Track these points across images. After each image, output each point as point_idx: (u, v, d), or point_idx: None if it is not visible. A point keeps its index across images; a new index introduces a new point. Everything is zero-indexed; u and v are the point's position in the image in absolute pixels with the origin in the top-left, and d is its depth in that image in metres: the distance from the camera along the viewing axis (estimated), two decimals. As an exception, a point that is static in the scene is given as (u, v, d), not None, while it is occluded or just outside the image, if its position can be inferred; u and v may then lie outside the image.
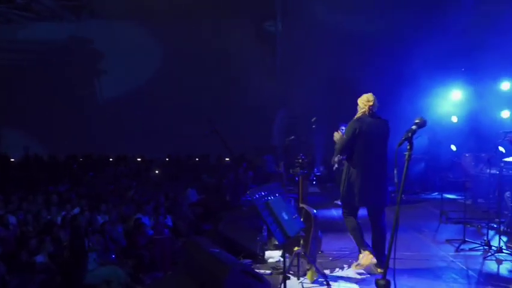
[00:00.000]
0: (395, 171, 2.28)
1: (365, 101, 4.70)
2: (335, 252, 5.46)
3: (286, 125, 15.14)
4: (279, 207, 3.28)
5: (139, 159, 18.49)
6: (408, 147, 2.29)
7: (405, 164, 2.20)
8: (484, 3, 11.02)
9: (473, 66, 10.92)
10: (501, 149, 6.20)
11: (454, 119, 11.72)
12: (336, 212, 8.41)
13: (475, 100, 11.04)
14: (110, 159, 18.33)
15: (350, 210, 4.81)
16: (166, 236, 7.45)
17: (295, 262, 4.43)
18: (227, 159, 17.52)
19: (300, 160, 4.90)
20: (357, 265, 4.72)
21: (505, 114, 9.82)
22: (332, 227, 7.02)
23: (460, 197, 9.37)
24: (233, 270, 3.90)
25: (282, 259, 4.45)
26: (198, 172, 13.92)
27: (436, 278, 4.50)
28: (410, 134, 2.33)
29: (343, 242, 5.91)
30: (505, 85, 9.87)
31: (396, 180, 2.25)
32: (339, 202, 8.90)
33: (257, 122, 16.16)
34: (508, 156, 6.51)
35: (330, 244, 5.86)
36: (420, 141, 9.67)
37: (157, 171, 14.57)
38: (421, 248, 5.74)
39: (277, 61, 17.13)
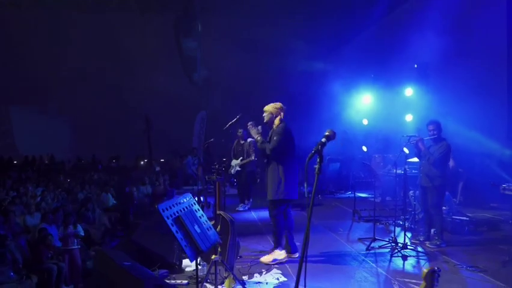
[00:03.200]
0: (305, 185, 2.21)
1: (279, 108, 5.20)
2: (253, 256, 5.45)
3: (205, 126, 14.98)
4: (191, 220, 3.12)
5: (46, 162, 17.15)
6: (318, 160, 2.21)
7: (316, 178, 2.12)
8: (389, 17, 11.90)
9: (381, 73, 11.70)
10: (405, 150, 6.64)
11: (365, 122, 12.48)
12: (255, 214, 8.46)
13: (382, 104, 11.84)
14: (15, 162, 16.82)
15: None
16: (76, 247, 6.91)
17: (212, 270, 4.32)
18: (145, 160, 16.93)
19: (216, 166, 4.81)
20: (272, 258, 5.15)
21: (408, 117, 10.62)
22: (251, 230, 7.05)
23: (370, 195, 10.00)
24: (146, 285, 3.71)
25: (199, 267, 4.32)
26: (115, 175, 13.19)
27: (349, 278, 4.68)
28: (319, 147, 2.25)
29: (262, 245, 5.97)
30: (408, 91, 10.65)
31: (306, 194, 2.19)
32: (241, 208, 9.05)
33: (176, 123, 15.81)
34: (411, 157, 7.03)
35: (250, 247, 5.87)
36: (334, 143, 10.13)
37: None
38: (336, 247, 5.96)
39: (197, 62, 16.93)
